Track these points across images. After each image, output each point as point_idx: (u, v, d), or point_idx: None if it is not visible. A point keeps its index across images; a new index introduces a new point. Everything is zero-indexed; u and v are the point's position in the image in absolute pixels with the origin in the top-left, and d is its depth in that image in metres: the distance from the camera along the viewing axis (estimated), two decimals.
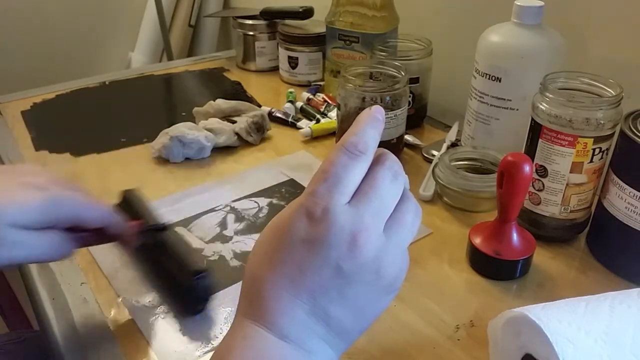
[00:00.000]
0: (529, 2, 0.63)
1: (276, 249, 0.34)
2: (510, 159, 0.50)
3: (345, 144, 0.35)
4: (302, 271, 0.33)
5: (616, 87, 0.54)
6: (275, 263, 0.34)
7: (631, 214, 0.52)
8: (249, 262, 0.36)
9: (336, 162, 0.34)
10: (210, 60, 1.15)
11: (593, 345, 0.34)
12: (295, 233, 0.33)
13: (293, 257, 0.33)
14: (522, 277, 0.55)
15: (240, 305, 0.35)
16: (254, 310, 0.34)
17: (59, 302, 0.52)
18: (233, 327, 0.35)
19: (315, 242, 0.33)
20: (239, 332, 0.33)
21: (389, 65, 0.74)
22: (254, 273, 0.35)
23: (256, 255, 0.35)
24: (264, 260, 0.34)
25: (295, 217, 0.34)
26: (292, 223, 0.34)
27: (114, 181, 0.71)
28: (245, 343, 0.32)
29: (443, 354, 0.46)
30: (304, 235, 0.33)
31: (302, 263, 0.33)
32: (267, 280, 0.34)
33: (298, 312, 0.33)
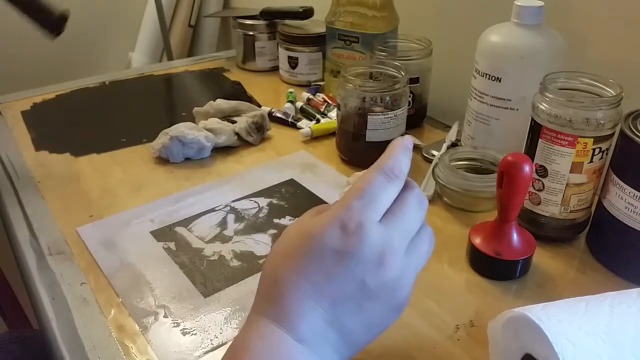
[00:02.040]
0: (529, 2, 0.63)
1: (304, 253, 0.35)
2: (510, 159, 0.50)
3: (383, 167, 0.37)
4: (328, 280, 0.34)
5: (616, 87, 0.54)
6: (301, 267, 0.34)
7: (631, 214, 0.52)
8: (270, 262, 0.36)
9: (373, 182, 0.36)
10: (210, 60, 1.15)
11: (593, 345, 0.34)
12: (327, 242, 0.34)
13: (321, 265, 0.34)
14: (522, 277, 0.55)
15: (258, 304, 0.36)
16: (273, 310, 0.34)
17: (59, 302, 0.52)
18: (248, 324, 0.35)
19: (346, 254, 0.34)
20: (255, 331, 0.34)
21: (389, 65, 0.74)
22: (277, 273, 0.35)
23: (279, 255, 0.36)
24: (289, 262, 0.35)
25: (329, 226, 0.35)
26: (325, 232, 0.35)
27: (114, 181, 0.71)
28: (262, 342, 0.33)
29: (443, 354, 0.46)
30: (336, 246, 0.34)
31: (329, 272, 0.34)
32: (291, 282, 0.34)
33: (317, 318, 0.34)
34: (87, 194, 0.69)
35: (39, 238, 0.61)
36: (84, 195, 0.68)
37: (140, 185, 0.70)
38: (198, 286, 0.54)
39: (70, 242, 0.60)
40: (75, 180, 0.71)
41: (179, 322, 0.49)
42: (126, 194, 0.68)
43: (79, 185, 0.70)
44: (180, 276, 0.55)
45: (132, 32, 1.66)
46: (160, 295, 0.53)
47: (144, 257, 0.57)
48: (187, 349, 0.47)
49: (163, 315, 0.50)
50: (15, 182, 0.71)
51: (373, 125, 0.70)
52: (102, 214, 0.64)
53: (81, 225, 0.62)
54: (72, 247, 0.59)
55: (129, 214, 0.64)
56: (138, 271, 0.55)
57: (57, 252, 0.58)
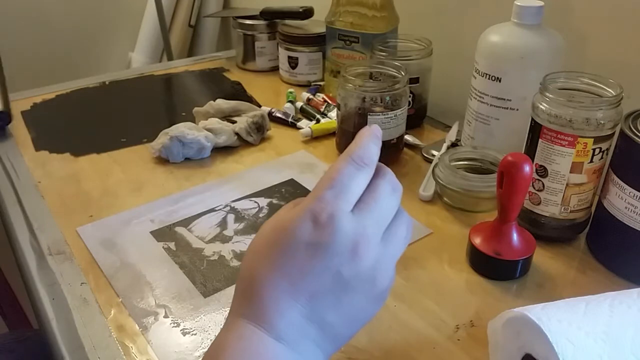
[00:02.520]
0: (529, 2, 0.63)
1: (278, 249, 0.34)
2: (510, 159, 0.50)
3: (352, 155, 0.36)
4: (303, 274, 0.33)
5: (616, 87, 0.54)
6: (275, 264, 0.34)
7: (631, 214, 0.52)
8: (246, 261, 0.36)
9: (343, 171, 0.35)
10: (210, 60, 1.15)
11: (593, 345, 0.34)
12: (299, 236, 0.34)
13: (295, 260, 0.34)
14: (522, 277, 0.55)
15: (235, 304, 0.35)
16: (250, 310, 0.34)
17: (59, 302, 0.52)
18: (226, 325, 0.34)
19: (319, 247, 0.33)
20: (233, 332, 0.33)
21: (389, 65, 0.74)
22: (252, 273, 0.34)
23: (254, 254, 0.35)
24: (263, 260, 0.34)
25: (301, 220, 0.34)
26: (297, 226, 0.34)
27: (114, 181, 0.71)
28: (241, 343, 0.32)
29: (443, 354, 0.46)
30: (308, 239, 0.34)
31: (304, 266, 0.33)
32: (267, 280, 0.34)
33: (295, 314, 0.33)
34: (87, 194, 0.69)
35: (39, 238, 0.61)
36: (84, 195, 0.68)
37: (140, 185, 0.70)
38: (198, 286, 0.54)
39: (70, 242, 0.60)
40: (75, 180, 0.71)
41: (179, 322, 0.49)
42: (126, 194, 0.68)
43: (79, 185, 0.70)
44: (180, 276, 0.55)
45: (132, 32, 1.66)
46: (160, 295, 0.53)
47: (144, 257, 0.57)
48: (187, 349, 0.47)
49: (163, 315, 0.50)
50: (15, 182, 0.71)
51: None
52: (102, 214, 0.64)
53: (81, 225, 0.62)
54: (72, 247, 0.59)
55: (129, 214, 0.64)
56: (138, 271, 0.55)
57: (57, 252, 0.58)
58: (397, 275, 0.54)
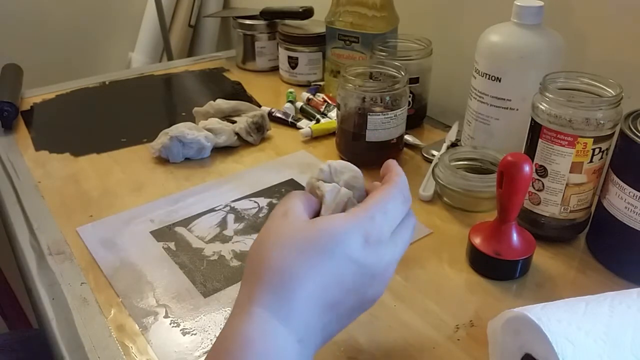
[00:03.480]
0: (529, 2, 0.63)
1: (322, 253, 0.34)
2: (510, 159, 0.50)
3: (400, 185, 0.40)
4: (338, 286, 0.35)
5: (616, 87, 0.54)
6: (317, 267, 0.34)
7: (631, 214, 0.52)
8: (276, 250, 0.35)
9: (396, 202, 0.38)
10: (210, 60, 1.15)
11: (593, 345, 0.34)
12: (348, 248, 0.35)
13: (337, 269, 0.34)
14: (522, 277, 0.55)
15: (256, 291, 0.34)
16: (278, 305, 0.33)
17: (59, 302, 0.52)
18: (244, 314, 0.33)
19: (363, 267, 0.35)
20: (255, 324, 0.33)
21: (389, 65, 0.74)
22: (288, 267, 0.34)
23: (290, 247, 0.35)
24: (303, 258, 0.34)
25: (353, 233, 0.35)
26: (348, 237, 0.35)
27: (114, 181, 0.71)
28: (265, 340, 0.32)
29: (443, 354, 0.46)
30: (356, 256, 0.35)
31: (343, 280, 0.35)
32: (304, 281, 0.34)
33: (317, 322, 0.34)
34: (87, 194, 0.69)
35: (39, 238, 0.61)
36: (84, 195, 0.68)
37: (140, 185, 0.70)
38: (198, 286, 0.54)
39: (70, 242, 0.60)
40: (75, 180, 0.71)
41: (179, 322, 0.49)
42: (126, 194, 0.68)
43: (79, 185, 0.70)
44: (180, 276, 0.55)
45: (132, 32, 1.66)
46: (160, 295, 0.53)
47: (144, 257, 0.57)
48: (187, 349, 0.47)
49: (163, 315, 0.50)
50: (15, 182, 0.71)
51: (373, 125, 0.70)
52: (102, 214, 0.64)
53: (81, 225, 0.62)
54: (72, 247, 0.59)
55: (129, 214, 0.64)
56: (138, 271, 0.55)
57: (57, 252, 0.58)
58: (397, 275, 0.55)
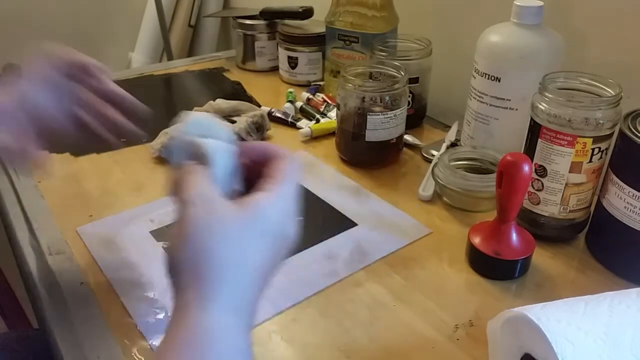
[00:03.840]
0: (528, 2, 0.63)
1: (262, 236, 0.35)
2: (510, 158, 0.50)
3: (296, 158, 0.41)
4: (271, 261, 0.35)
5: (615, 87, 0.54)
6: (260, 249, 0.34)
7: (630, 214, 0.52)
8: (221, 246, 0.33)
9: (298, 172, 0.40)
10: (210, 60, 1.15)
11: (592, 345, 0.34)
12: (283, 228, 0.36)
13: (276, 250, 0.35)
14: (522, 277, 0.55)
15: (209, 290, 0.33)
16: (234, 299, 0.33)
17: (59, 302, 0.52)
18: (206, 311, 0.32)
19: (286, 238, 0.37)
20: (218, 322, 0.32)
21: (389, 65, 0.74)
22: (231, 260, 0.33)
23: (227, 240, 0.33)
24: (240, 244, 0.33)
25: (281, 212, 0.37)
26: (281, 219, 0.37)
27: (114, 181, 0.71)
28: (228, 338, 0.32)
29: (443, 354, 0.46)
30: (287, 232, 0.37)
31: (273, 254, 0.35)
32: (251, 267, 0.34)
33: (258, 297, 0.34)
34: (87, 194, 0.69)
35: (39, 238, 0.61)
36: (84, 195, 0.68)
37: (140, 185, 0.70)
38: None
39: (70, 242, 0.60)
40: (75, 180, 0.71)
41: None
42: (126, 194, 0.69)
43: (79, 185, 0.70)
44: None
45: (132, 32, 1.66)
46: (160, 295, 0.53)
47: (144, 257, 0.57)
48: None
49: (163, 315, 0.50)
50: (15, 182, 0.71)
51: (373, 125, 0.70)
52: (102, 214, 0.64)
53: (81, 225, 0.62)
54: (72, 247, 0.59)
55: (129, 214, 0.64)
56: (138, 271, 0.55)
57: (57, 252, 0.58)
58: (397, 275, 0.55)
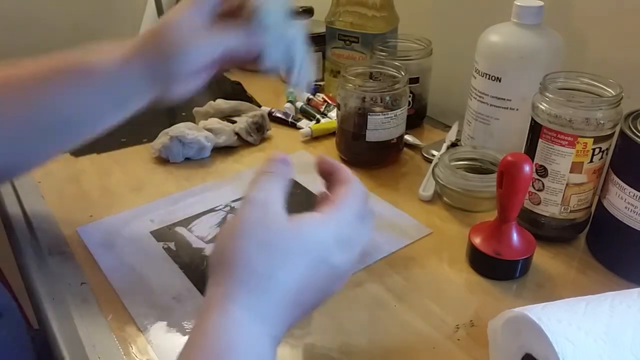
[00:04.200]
0: (529, 2, 0.63)
1: (300, 258, 0.35)
2: (510, 159, 0.50)
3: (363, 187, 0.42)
4: (312, 289, 0.36)
5: (616, 87, 0.54)
6: (293, 272, 0.35)
7: (631, 214, 0.52)
8: (259, 253, 0.34)
9: (362, 200, 0.41)
10: None
11: (593, 345, 0.34)
12: (325, 252, 0.36)
13: (312, 274, 0.35)
14: (522, 277, 0.55)
15: (234, 291, 0.33)
16: (257, 307, 0.33)
17: (59, 302, 0.52)
18: (226, 312, 0.33)
19: (335, 268, 0.36)
20: (236, 325, 0.32)
21: (389, 65, 0.74)
22: (268, 271, 0.34)
23: (269, 250, 0.34)
24: (281, 262, 0.34)
25: (329, 235, 0.36)
26: (326, 241, 0.36)
27: (114, 181, 0.71)
28: (246, 341, 0.32)
29: (443, 354, 0.46)
30: (331, 258, 0.36)
31: (316, 282, 0.36)
32: (283, 285, 0.34)
33: (288, 320, 0.35)
34: (87, 194, 0.69)
35: (39, 238, 0.61)
36: (84, 195, 0.68)
37: (140, 185, 0.70)
38: (198, 286, 0.54)
39: (70, 242, 0.60)
40: (75, 180, 0.71)
41: (179, 322, 0.49)
42: (126, 194, 0.68)
43: (79, 185, 0.70)
44: (180, 276, 0.55)
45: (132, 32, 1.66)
46: (160, 295, 0.52)
47: (144, 257, 0.57)
48: None
49: (163, 315, 0.50)
50: (15, 182, 0.71)
51: (373, 125, 0.70)
52: (102, 214, 0.64)
53: (81, 225, 0.62)
54: (72, 247, 0.59)
55: (129, 214, 0.64)
56: (138, 271, 0.55)
57: (57, 252, 0.58)
58: (397, 275, 0.55)
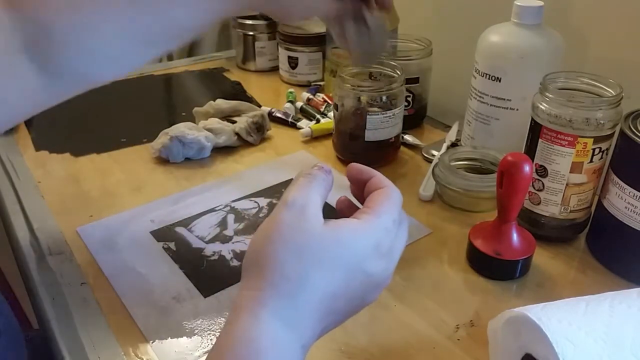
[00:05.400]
0: (529, 2, 0.63)
1: (336, 265, 0.34)
2: (510, 159, 0.50)
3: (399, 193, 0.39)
4: (347, 297, 0.35)
5: (616, 87, 0.54)
6: (327, 278, 0.34)
7: (631, 214, 0.52)
8: (293, 258, 0.33)
9: (399, 208, 0.38)
10: (210, 60, 1.15)
11: (593, 345, 0.34)
12: (362, 259, 0.35)
13: (347, 281, 0.34)
14: (522, 277, 0.55)
15: (265, 295, 0.33)
16: (292, 314, 0.33)
17: (59, 302, 0.52)
18: (254, 319, 0.32)
19: (371, 277, 0.35)
20: (265, 331, 0.32)
21: (385, 65, 0.74)
22: (307, 278, 0.33)
23: (301, 253, 0.33)
24: (318, 267, 0.33)
25: (367, 243, 0.35)
26: (363, 248, 0.35)
27: (114, 181, 0.71)
28: (274, 349, 0.32)
29: (443, 354, 0.46)
30: (367, 267, 0.35)
31: (352, 291, 0.35)
32: (320, 292, 0.33)
33: (318, 328, 0.34)
34: (87, 194, 0.69)
35: (39, 238, 0.61)
36: (84, 195, 0.68)
37: (140, 185, 0.70)
38: (198, 286, 0.54)
39: (70, 242, 0.60)
40: (75, 180, 0.71)
41: (179, 322, 0.49)
42: (126, 194, 0.68)
43: (79, 185, 0.70)
44: (180, 276, 0.55)
45: None
46: (160, 295, 0.53)
47: (144, 257, 0.57)
48: (187, 349, 0.47)
49: (163, 315, 0.50)
50: (15, 182, 0.71)
51: (372, 125, 0.70)
52: (102, 214, 0.64)
53: (81, 225, 0.62)
54: (72, 247, 0.59)
55: (129, 214, 0.64)
56: (138, 271, 0.55)
57: (57, 252, 0.58)
58: (397, 275, 0.55)
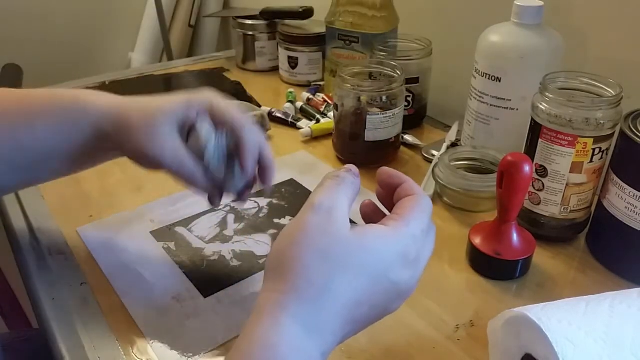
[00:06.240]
0: (529, 2, 0.63)
1: (361, 272, 0.34)
2: (510, 159, 0.50)
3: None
4: (370, 305, 0.34)
5: (616, 87, 0.54)
6: (352, 285, 0.33)
7: (631, 214, 0.52)
8: (318, 263, 0.33)
9: (429, 216, 0.38)
10: (210, 60, 1.15)
11: (593, 345, 0.34)
12: (388, 268, 0.34)
13: (372, 289, 0.34)
14: (522, 277, 0.55)
15: (288, 300, 0.32)
16: (314, 320, 0.32)
17: (59, 302, 0.52)
18: (275, 323, 0.32)
19: (396, 285, 0.35)
20: (286, 338, 0.32)
21: (385, 65, 0.74)
22: (326, 282, 0.33)
23: (327, 258, 0.33)
24: (341, 274, 0.33)
25: (394, 251, 0.35)
26: (390, 256, 0.35)
27: (114, 181, 0.71)
28: (295, 356, 0.32)
29: (443, 354, 0.46)
30: (393, 275, 0.35)
31: (375, 298, 0.34)
32: (344, 299, 0.33)
33: (339, 335, 0.34)
34: (87, 194, 0.69)
35: (39, 238, 0.61)
36: (84, 195, 0.68)
37: (140, 185, 0.70)
38: (198, 286, 0.54)
39: (70, 242, 0.60)
40: (75, 180, 0.71)
41: (179, 322, 0.49)
42: (126, 194, 0.68)
43: (79, 185, 0.70)
44: (180, 276, 0.55)
45: (132, 32, 1.66)
46: (160, 295, 0.53)
47: (144, 257, 0.57)
48: (187, 349, 0.47)
49: (163, 316, 0.50)
50: None
51: (372, 125, 0.70)
52: (102, 214, 0.64)
53: (81, 225, 0.62)
54: (72, 247, 0.59)
55: (129, 214, 0.64)
56: (138, 271, 0.55)
57: (57, 253, 0.58)
58: None
